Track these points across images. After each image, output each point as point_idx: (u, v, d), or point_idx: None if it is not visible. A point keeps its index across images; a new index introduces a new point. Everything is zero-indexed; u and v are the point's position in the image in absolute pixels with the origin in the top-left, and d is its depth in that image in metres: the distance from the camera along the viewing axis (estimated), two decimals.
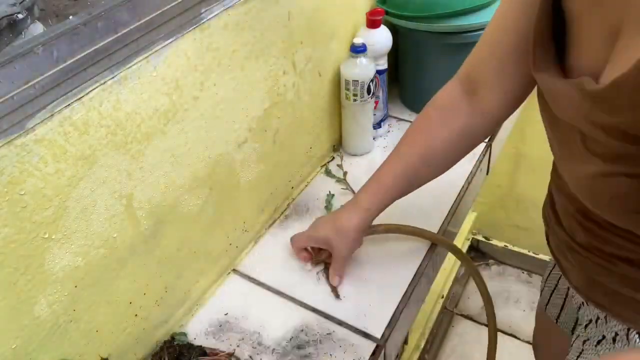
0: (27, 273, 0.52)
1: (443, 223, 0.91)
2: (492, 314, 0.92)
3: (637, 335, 0.61)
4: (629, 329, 0.61)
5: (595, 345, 0.67)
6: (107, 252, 0.61)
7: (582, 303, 0.71)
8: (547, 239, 0.72)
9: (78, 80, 0.51)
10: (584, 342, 0.70)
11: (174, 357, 0.71)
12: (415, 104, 1.18)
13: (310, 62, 0.89)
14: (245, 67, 0.74)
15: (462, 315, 1.75)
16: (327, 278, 0.82)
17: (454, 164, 0.75)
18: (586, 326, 0.69)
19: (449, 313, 1.74)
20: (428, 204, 0.93)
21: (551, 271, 0.87)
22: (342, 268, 0.81)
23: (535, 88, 0.59)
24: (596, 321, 0.67)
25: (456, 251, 0.87)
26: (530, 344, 1.65)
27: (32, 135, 0.49)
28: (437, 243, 0.86)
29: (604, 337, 0.65)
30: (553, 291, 0.85)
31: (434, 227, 0.90)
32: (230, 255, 0.86)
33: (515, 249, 1.85)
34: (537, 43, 0.52)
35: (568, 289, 0.80)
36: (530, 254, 1.86)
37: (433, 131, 0.72)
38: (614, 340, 0.63)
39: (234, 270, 0.86)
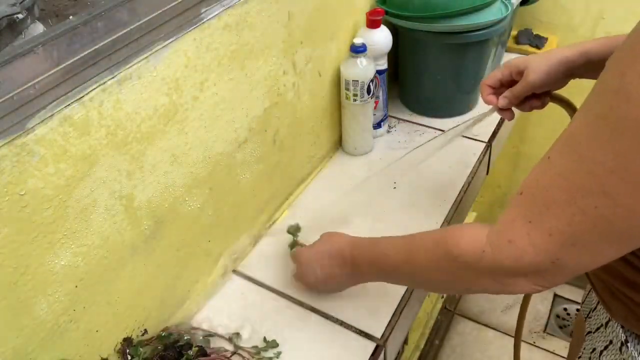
0: (27, 273, 0.52)
1: (443, 223, 0.91)
2: None
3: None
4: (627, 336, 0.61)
5: (600, 354, 0.66)
6: (107, 252, 0.61)
7: (597, 302, 0.69)
8: None
9: (78, 80, 0.51)
10: (591, 351, 0.68)
11: (174, 357, 0.71)
12: (415, 104, 1.19)
13: (310, 62, 0.89)
14: (245, 67, 0.74)
15: (462, 315, 1.75)
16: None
17: None
18: (596, 330, 0.69)
19: (449, 313, 1.74)
20: (428, 203, 0.93)
21: None
22: (520, 94, 0.73)
23: None
24: (606, 325, 0.66)
25: None
26: (530, 344, 1.66)
27: (32, 135, 0.49)
28: None
29: (611, 342, 0.64)
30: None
31: (434, 226, 0.90)
32: (230, 255, 0.86)
33: None
34: None
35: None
36: None
37: None
38: (620, 349, 0.62)
39: (234, 271, 0.86)
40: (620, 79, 0.38)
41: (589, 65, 0.71)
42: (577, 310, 1.71)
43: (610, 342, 0.63)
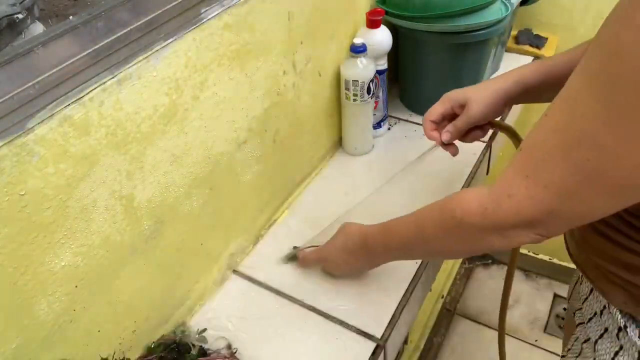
0: (27, 273, 0.52)
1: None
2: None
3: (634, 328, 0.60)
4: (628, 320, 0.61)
5: (595, 343, 0.66)
6: (107, 252, 0.61)
7: (590, 291, 0.70)
8: None
9: (78, 80, 0.51)
10: (584, 342, 0.69)
11: (174, 358, 0.71)
12: (415, 104, 1.19)
13: (310, 62, 0.89)
14: (245, 67, 0.74)
15: (462, 315, 1.75)
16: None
17: None
18: (589, 320, 0.69)
19: (449, 313, 1.74)
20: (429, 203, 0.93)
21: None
22: (462, 127, 0.76)
23: None
24: (601, 313, 0.66)
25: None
26: (529, 343, 1.66)
27: (32, 135, 0.49)
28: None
29: (606, 329, 0.65)
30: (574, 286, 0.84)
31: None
32: (230, 255, 0.86)
33: None
34: None
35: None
36: (530, 254, 1.86)
37: None
38: (617, 335, 0.62)
39: (234, 271, 0.86)
40: (615, 38, 0.40)
41: (526, 93, 0.75)
42: (564, 309, 1.71)
43: (606, 329, 0.64)
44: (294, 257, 0.85)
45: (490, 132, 0.81)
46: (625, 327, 0.61)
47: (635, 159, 0.41)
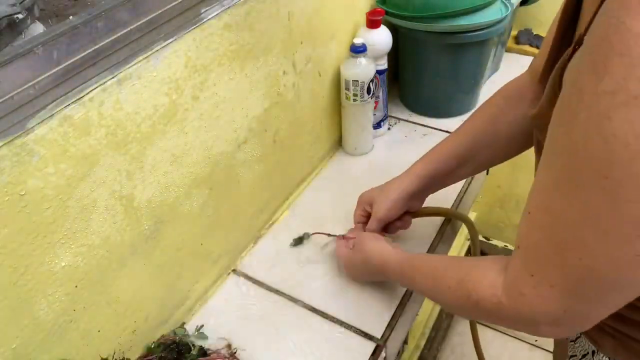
0: (27, 273, 0.52)
1: (443, 223, 0.91)
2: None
3: None
4: None
5: None
6: (107, 252, 0.61)
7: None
8: None
9: (78, 80, 0.51)
10: None
11: (174, 358, 0.71)
12: (415, 104, 1.19)
13: (310, 62, 0.89)
14: (245, 67, 0.74)
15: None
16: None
17: (515, 152, 0.74)
18: (583, 357, 0.67)
19: (449, 313, 1.74)
20: (429, 203, 0.93)
21: None
22: (374, 228, 0.80)
23: None
24: (593, 354, 0.65)
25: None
26: (530, 343, 1.66)
27: (32, 135, 0.49)
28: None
29: None
30: None
31: (434, 227, 0.90)
32: (230, 255, 0.86)
33: None
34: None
35: None
36: None
37: (498, 114, 0.71)
38: None
39: (234, 271, 0.86)
40: (567, 136, 0.39)
41: (428, 185, 0.77)
42: None
43: None
44: (300, 240, 0.88)
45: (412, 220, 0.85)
46: None
47: (627, 256, 0.39)
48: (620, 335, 0.56)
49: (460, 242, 1.67)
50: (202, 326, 0.77)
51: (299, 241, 0.89)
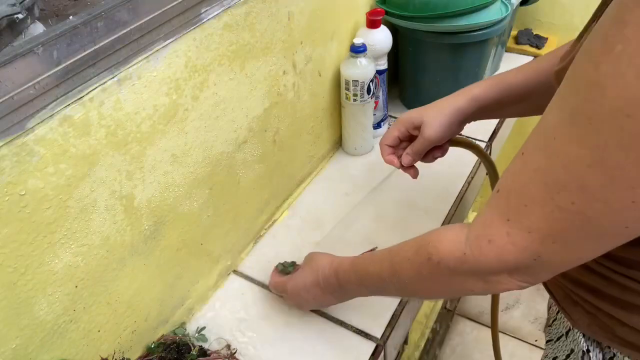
0: (27, 273, 0.52)
1: (443, 223, 0.91)
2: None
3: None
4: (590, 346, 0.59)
5: None
6: (107, 252, 0.61)
7: (557, 311, 0.68)
8: None
9: (78, 80, 0.51)
10: (553, 359, 0.67)
11: (174, 358, 0.71)
12: (415, 104, 1.17)
13: (310, 62, 0.89)
14: (245, 67, 0.74)
15: (462, 315, 1.75)
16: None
17: None
18: (557, 339, 0.67)
19: (449, 313, 1.74)
20: (429, 203, 0.93)
21: None
22: (421, 150, 0.74)
23: None
24: (567, 334, 0.65)
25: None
26: (529, 343, 1.66)
27: (32, 135, 0.49)
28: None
29: (572, 350, 0.63)
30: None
31: (434, 226, 0.90)
32: (230, 255, 0.86)
33: None
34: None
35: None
36: None
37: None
38: (582, 358, 0.61)
39: (234, 271, 0.86)
40: (594, 70, 0.37)
41: (481, 110, 0.73)
42: None
43: (572, 350, 0.62)
44: (289, 268, 0.80)
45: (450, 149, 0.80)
46: (589, 351, 0.59)
47: (624, 201, 0.38)
48: (595, 310, 0.56)
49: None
50: (203, 328, 0.77)
51: (284, 270, 0.80)
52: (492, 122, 1.11)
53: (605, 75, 0.36)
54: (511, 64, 1.32)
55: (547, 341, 0.69)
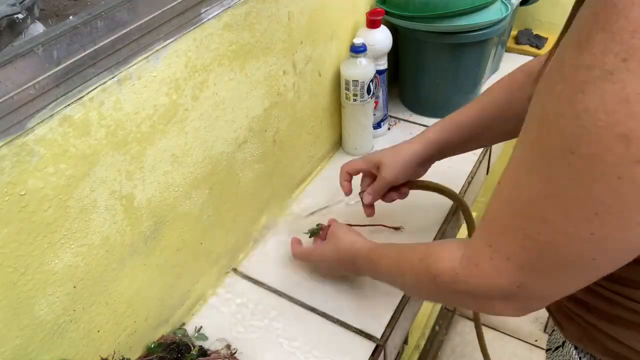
0: (27, 273, 0.52)
1: (443, 223, 0.91)
2: None
3: None
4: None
5: None
6: (107, 252, 0.61)
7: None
8: None
9: (78, 80, 0.51)
10: None
11: (174, 358, 0.71)
12: (415, 104, 1.19)
13: (310, 62, 0.89)
14: (245, 67, 0.74)
15: (462, 315, 1.75)
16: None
17: None
18: (555, 349, 0.67)
19: (449, 313, 1.74)
20: (429, 203, 0.93)
21: None
22: (379, 190, 0.79)
23: None
24: (563, 345, 0.64)
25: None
26: (529, 343, 1.66)
27: (32, 135, 0.49)
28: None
29: None
30: None
31: (434, 226, 0.91)
32: (230, 255, 0.86)
33: None
34: None
35: None
36: None
37: (516, 90, 0.71)
38: None
39: (234, 270, 0.86)
40: (541, 108, 0.39)
41: (439, 152, 0.77)
42: None
43: None
44: (316, 232, 0.84)
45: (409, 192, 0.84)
46: None
47: (583, 233, 0.38)
48: (585, 324, 0.56)
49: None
50: (203, 329, 0.77)
51: (314, 233, 0.85)
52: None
53: (548, 114, 0.38)
54: (511, 63, 1.31)
55: (547, 350, 0.69)
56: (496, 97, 0.73)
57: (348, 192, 0.83)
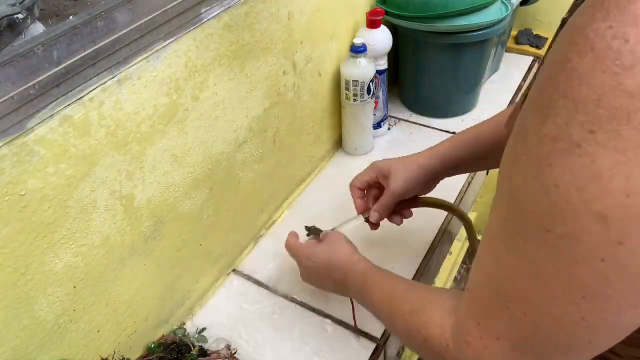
0: (27, 273, 0.52)
1: (443, 223, 0.91)
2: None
3: None
4: None
5: None
6: (107, 252, 0.61)
7: None
8: None
9: (78, 80, 0.51)
10: None
11: (174, 358, 0.71)
12: (415, 104, 1.19)
13: (310, 62, 0.89)
14: (245, 67, 0.74)
15: None
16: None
17: None
18: None
19: None
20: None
21: None
22: (387, 206, 0.73)
23: None
24: None
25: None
26: None
27: (32, 135, 0.49)
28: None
29: None
30: None
31: (434, 227, 0.91)
32: (230, 255, 0.86)
33: None
34: None
35: None
36: None
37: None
38: None
39: (234, 270, 0.86)
40: (509, 181, 0.36)
41: (454, 167, 0.72)
42: None
43: None
44: (315, 231, 0.78)
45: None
46: None
47: (573, 317, 0.35)
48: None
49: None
50: (203, 329, 0.77)
51: (313, 231, 0.78)
52: None
53: (517, 188, 0.35)
54: (511, 63, 1.32)
55: None
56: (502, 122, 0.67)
57: (362, 210, 0.77)
